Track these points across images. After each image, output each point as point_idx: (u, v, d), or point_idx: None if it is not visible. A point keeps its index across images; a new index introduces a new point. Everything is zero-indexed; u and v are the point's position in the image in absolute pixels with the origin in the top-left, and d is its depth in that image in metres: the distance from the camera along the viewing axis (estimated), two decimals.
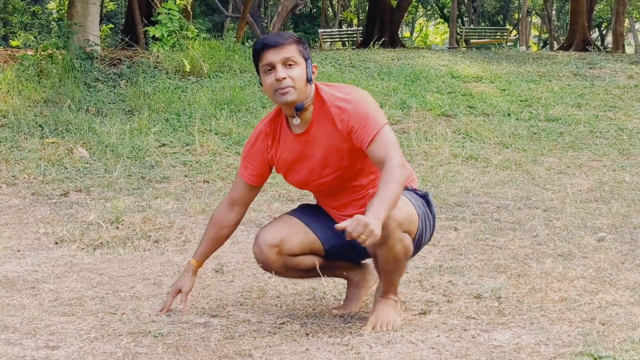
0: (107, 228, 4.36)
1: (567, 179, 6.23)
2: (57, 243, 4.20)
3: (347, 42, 19.85)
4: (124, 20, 18.79)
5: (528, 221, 4.68)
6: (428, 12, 39.65)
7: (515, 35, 26.94)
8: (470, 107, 8.87)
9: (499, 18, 37.26)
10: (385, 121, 2.64)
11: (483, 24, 35.37)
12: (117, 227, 4.37)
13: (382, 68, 10.75)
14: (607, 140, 7.83)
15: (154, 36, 9.01)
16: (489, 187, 5.87)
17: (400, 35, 23.31)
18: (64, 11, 22.48)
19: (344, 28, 28.25)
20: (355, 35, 21.66)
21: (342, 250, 2.86)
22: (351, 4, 30.90)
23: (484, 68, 11.12)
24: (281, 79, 2.63)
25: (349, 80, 9.57)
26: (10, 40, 29.03)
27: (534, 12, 36.38)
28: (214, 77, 9.08)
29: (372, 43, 14.15)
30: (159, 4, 9.10)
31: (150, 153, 6.55)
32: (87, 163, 6.25)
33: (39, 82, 8.11)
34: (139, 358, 2.48)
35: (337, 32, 23.70)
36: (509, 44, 20.76)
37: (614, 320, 2.75)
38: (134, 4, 13.96)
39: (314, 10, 31.58)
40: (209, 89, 8.46)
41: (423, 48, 21.45)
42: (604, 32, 36.80)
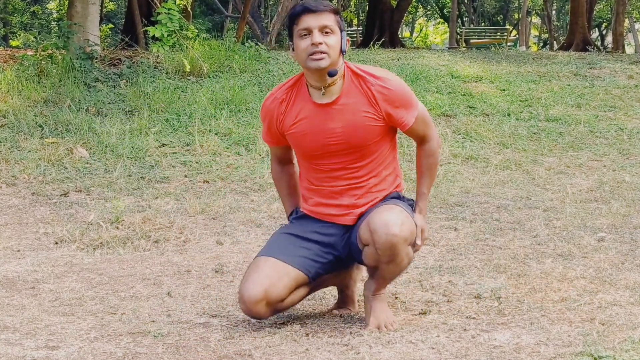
0: (107, 228, 4.36)
1: (567, 179, 6.23)
2: (57, 243, 4.20)
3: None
4: (124, 20, 18.80)
5: (528, 221, 4.68)
6: (428, 12, 39.65)
7: (515, 35, 26.94)
8: (470, 107, 8.87)
9: (499, 18, 37.26)
10: (418, 104, 2.81)
11: (483, 24, 35.37)
12: (117, 227, 4.37)
13: (383, 68, 10.73)
14: (607, 140, 7.83)
15: (154, 36, 9.01)
16: (489, 187, 5.87)
17: (400, 35, 23.32)
18: (64, 11, 22.50)
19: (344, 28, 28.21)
20: (355, 35, 21.66)
21: (327, 269, 2.84)
22: (351, 4, 30.90)
23: (484, 68, 11.12)
24: (317, 44, 2.64)
25: None
26: (10, 40, 29.03)
27: (534, 12, 36.38)
28: (214, 77, 9.08)
29: (372, 43, 14.14)
30: (159, 4, 9.10)
31: (150, 153, 6.55)
32: (87, 163, 6.25)
33: (39, 82, 8.11)
34: (139, 358, 2.47)
35: None
36: (509, 44, 20.78)
37: (614, 320, 2.75)
38: (134, 4, 13.96)
39: None
40: (209, 89, 8.46)
41: (423, 48, 21.45)
42: (604, 32, 36.80)
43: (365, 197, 2.79)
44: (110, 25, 27.66)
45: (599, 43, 31.09)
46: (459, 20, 31.96)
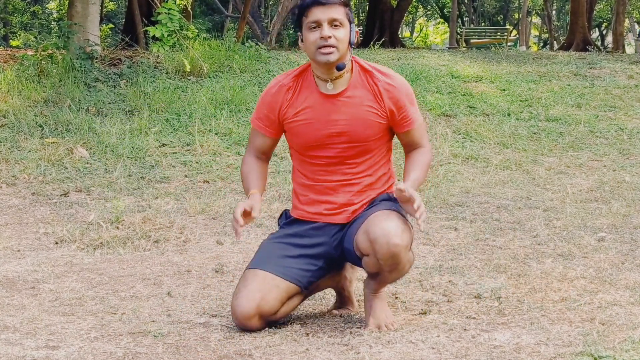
0: (107, 228, 4.36)
1: (567, 179, 6.23)
2: (57, 243, 4.20)
3: None
4: (124, 20, 18.81)
5: (528, 221, 4.68)
6: (428, 12, 39.65)
7: (515, 35, 26.93)
8: (470, 107, 8.87)
9: (499, 18, 37.26)
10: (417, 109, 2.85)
11: (483, 24, 35.37)
12: (117, 227, 4.37)
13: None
14: (607, 140, 7.83)
15: (154, 36, 9.01)
16: (489, 187, 5.87)
17: (400, 35, 23.32)
18: (64, 11, 22.50)
19: None
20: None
21: (319, 275, 2.82)
22: (351, 3, 30.91)
23: (484, 68, 11.12)
24: (326, 37, 2.64)
25: None
26: (10, 40, 29.03)
27: (534, 12, 36.38)
28: (214, 77, 9.08)
29: (372, 43, 14.14)
30: (159, 4, 9.10)
31: (150, 153, 6.55)
32: (87, 163, 6.25)
33: (39, 82, 8.11)
34: (139, 358, 2.47)
35: None
36: (509, 44, 20.77)
37: (614, 320, 2.75)
38: (134, 4, 13.97)
39: None
40: (209, 89, 8.46)
41: (423, 48, 21.44)
42: (604, 32, 36.81)
43: (360, 195, 2.78)
44: (110, 25, 27.67)
45: (599, 43, 31.09)
46: (459, 20, 31.95)
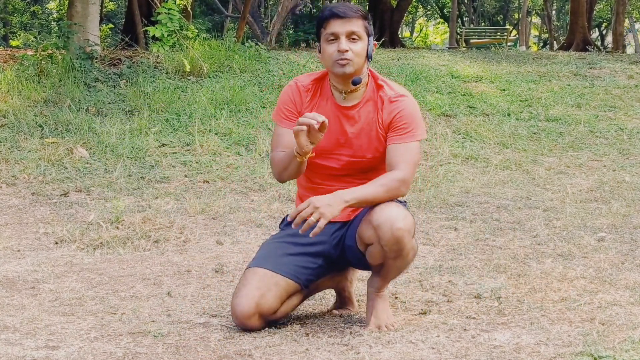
0: (107, 228, 4.36)
1: (567, 179, 6.23)
2: (57, 243, 4.20)
3: None
4: (124, 20, 18.80)
5: (528, 221, 4.68)
6: (428, 12, 39.64)
7: (515, 35, 26.92)
8: (470, 107, 8.87)
9: (499, 18, 37.26)
10: (423, 136, 2.72)
11: (483, 24, 35.36)
12: (117, 227, 4.37)
13: (382, 68, 10.75)
14: (607, 140, 7.83)
15: (154, 36, 9.01)
16: (489, 187, 5.87)
17: (400, 35, 23.32)
18: (64, 11, 22.50)
19: None
20: None
21: (319, 274, 2.82)
22: (351, 3, 30.89)
23: (484, 68, 11.12)
24: (343, 51, 2.65)
25: None
26: (10, 40, 29.04)
27: (534, 12, 36.38)
28: (214, 77, 9.08)
29: None
30: (159, 4, 9.09)
31: (150, 153, 6.55)
32: (87, 163, 6.25)
33: (39, 82, 8.11)
34: (139, 358, 2.47)
35: None
36: (509, 44, 20.76)
37: (614, 320, 2.75)
38: (134, 4, 13.96)
39: (314, 10, 31.56)
40: (209, 89, 8.46)
41: (423, 48, 21.44)
42: (604, 32, 36.80)
43: None
44: (110, 25, 27.67)
45: (599, 43, 31.09)
46: (459, 20, 31.95)
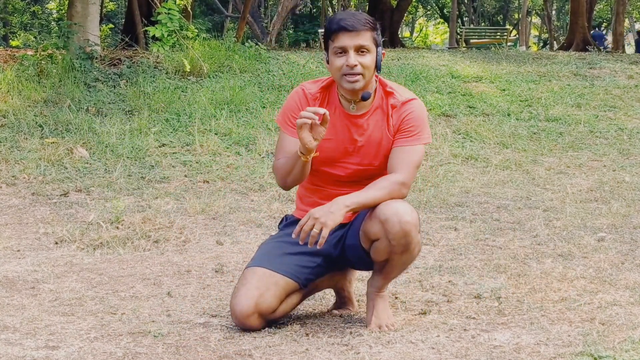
0: (107, 228, 4.36)
1: (567, 179, 6.23)
2: (57, 243, 4.20)
3: None
4: (124, 20, 18.80)
5: (528, 221, 4.68)
6: (428, 12, 39.65)
7: (515, 35, 26.94)
8: (470, 107, 8.87)
9: (499, 18, 37.27)
10: (428, 140, 2.75)
11: (483, 24, 35.38)
12: (117, 227, 4.37)
13: (382, 68, 10.72)
14: (607, 140, 7.83)
15: (154, 36, 9.01)
16: (489, 187, 5.87)
17: (400, 35, 23.33)
18: (64, 11, 22.49)
19: None
20: None
21: (318, 273, 2.81)
22: (351, 4, 30.89)
23: (484, 68, 11.12)
24: (352, 66, 2.63)
25: None
26: (10, 40, 29.04)
27: (534, 12, 36.39)
28: (214, 77, 9.08)
29: None
30: (159, 4, 9.10)
31: (150, 153, 6.55)
32: (87, 163, 6.25)
33: (39, 82, 8.11)
34: (139, 358, 2.47)
35: None
36: (509, 44, 20.76)
37: (614, 320, 2.75)
38: (134, 4, 13.96)
39: (314, 10, 31.57)
40: (209, 89, 8.46)
41: (423, 48, 21.45)
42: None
43: None
44: (110, 25, 27.68)
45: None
46: (459, 20, 31.96)
